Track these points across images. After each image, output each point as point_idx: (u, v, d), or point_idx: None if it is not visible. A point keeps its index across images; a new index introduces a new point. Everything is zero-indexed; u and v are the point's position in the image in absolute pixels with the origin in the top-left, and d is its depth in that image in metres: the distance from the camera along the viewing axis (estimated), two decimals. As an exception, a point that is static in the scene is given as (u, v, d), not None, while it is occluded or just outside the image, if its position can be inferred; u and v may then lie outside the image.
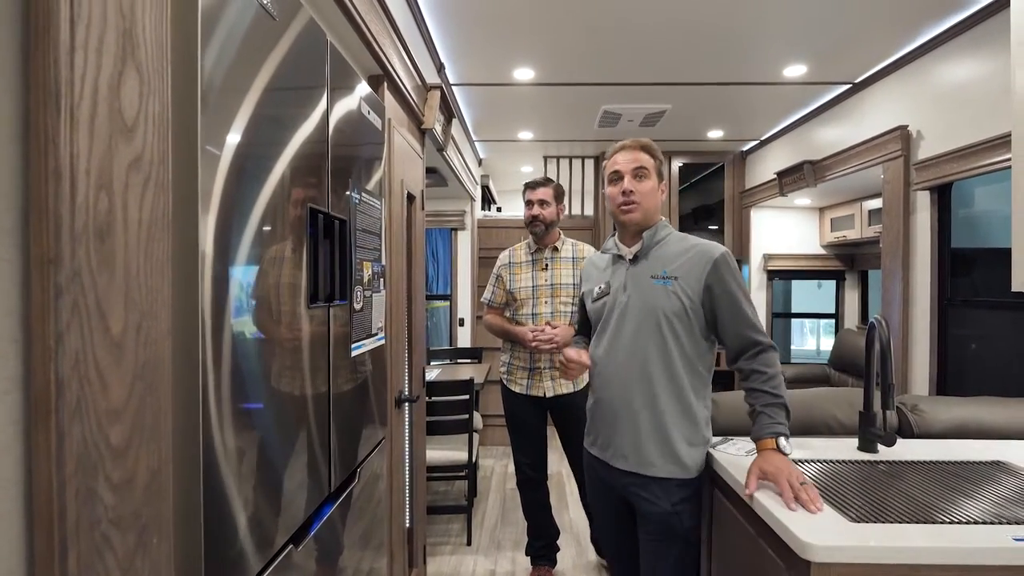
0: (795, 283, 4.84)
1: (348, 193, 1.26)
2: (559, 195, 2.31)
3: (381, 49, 1.56)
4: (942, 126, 2.39)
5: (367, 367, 1.41)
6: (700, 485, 1.41)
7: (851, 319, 4.43)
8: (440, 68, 2.62)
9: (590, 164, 4.87)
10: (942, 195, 2.44)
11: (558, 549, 2.48)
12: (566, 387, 2.27)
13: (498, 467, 3.85)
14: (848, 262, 4.40)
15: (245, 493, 0.78)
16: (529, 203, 2.28)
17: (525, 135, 4.14)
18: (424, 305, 2.28)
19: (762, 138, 4.10)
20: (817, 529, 0.99)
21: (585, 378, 2.27)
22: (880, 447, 1.43)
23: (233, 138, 0.76)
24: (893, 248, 2.65)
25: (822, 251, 4.41)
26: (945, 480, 1.24)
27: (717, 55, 2.66)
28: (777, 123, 3.73)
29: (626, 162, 1.42)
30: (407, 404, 1.91)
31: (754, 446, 1.32)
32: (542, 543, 2.44)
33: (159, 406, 0.63)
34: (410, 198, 2.02)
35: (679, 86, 3.07)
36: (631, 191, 1.40)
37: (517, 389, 2.29)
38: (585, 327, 1.67)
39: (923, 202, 2.51)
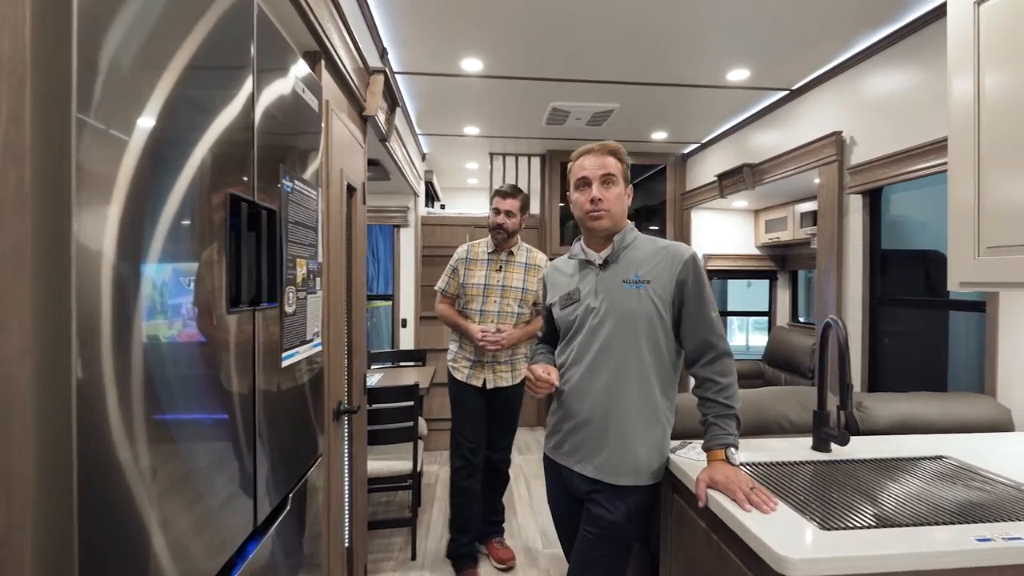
0: (728, 282, 5.02)
1: (279, 181, 1.10)
2: (525, 207, 2.44)
3: (318, 21, 1.40)
4: (874, 133, 2.51)
5: (302, 378, 1.25)
6: (657, 492, 1.41)
7: (783, 317, 4.64)
8: (383, 54, 2.46)
9: (536, 162, 4.82)
10: (873, 199, 2.56)
11: (481, 550, 2.51)
12: (505, 380, 2.42)
13: (443, 473, 3.70)
14: (780, 262, 4.60)
15: (142, 544, 0.62)
16: (496, 211, 2.38)
17: (471, 130, 4.01)
18: (365, 307, 2.12)
19: (703, 141, 4.20)
20: (790, 540, 0.95)
21: (523, 372, 2.34)
22: (833, 446, 1.44)
23: (135, 118, 0.60)
24: (828, 249, 2.76)
25: (756, 252, 4.59)
26: (898, 478, 1.25)
27: (665, 56, 2.66)
28: (718, 127, 3.83)
29: (593, 168, 1.38)
30: (347, 416, 1.75)
31: None
32: (468, 538, 2.43)
33: (10, 448, 0.47)
34: (350, 190, 1.85)
35: (627, 85, 3.05)
36: (599, 199, 1.36)
37: (461, 377, 2.42)
38: (551, 336, 1.58)
39: (856, 205, 2.62)
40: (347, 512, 1.92)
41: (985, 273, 1.39)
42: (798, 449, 1.46)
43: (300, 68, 1.23)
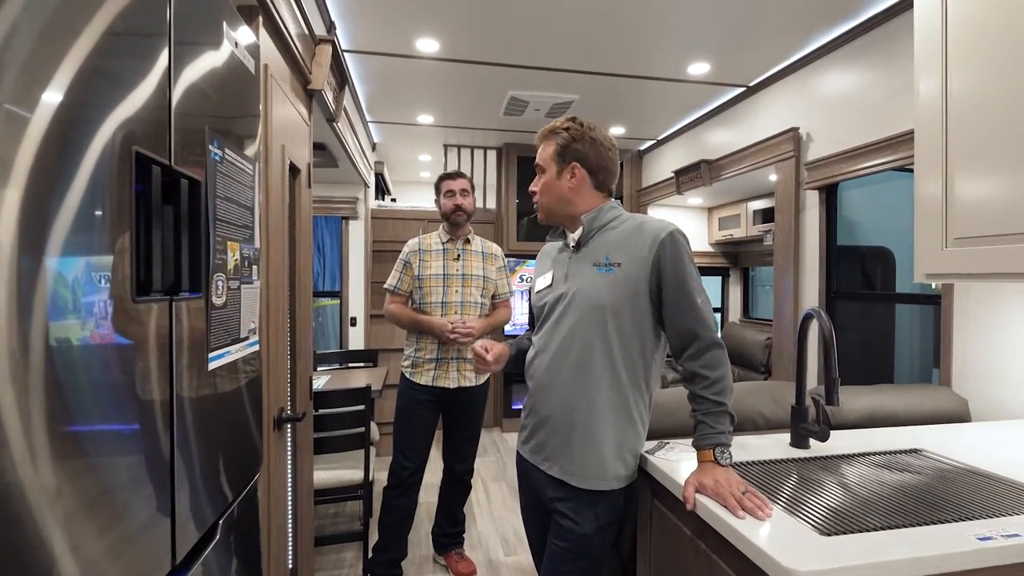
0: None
1: (205, 147, 0.92)
2: (473, 188, 2.36)
3: (254, -30, 1.21)
4: (830, 129, 2.54)
5: (235, 382, 1.06)
6: (627, 500, 1.28)
7: (735, 313, 4.74)
8: (330, 27, 2.25)
9: (493, 155, 4.69)
10: (829, 195, 2.59)
11: (401, 572, 2.31)
12: (470, 380, 2.26)
13: (396, 480, 3.51)
14: (733, 259, 4.69)
15: (45, 570, 0.46)
16: (451, 193, 2.26)
17: (425, 119, 3.83)
18: (311, 302, 1.92)
19: (659, 137, 4.20)
20: (791, 548, 0.87)
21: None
22: (811, 441, 1.40)
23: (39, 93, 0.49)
24: (785, 245, 2.79)
25: (710, 249, 4.65)
26: (882, 474, 1.21)
27: (627, 46, 2.61)
28: (676, 123, 3.83)
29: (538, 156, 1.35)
30: (290, 424, 1.56)
31: (694, 451, 1.20)
32: (388, 557, 2.25)
33: None
34: (294, 170, 1.66)
35: (588, 75, 2.98)
36: (533, 192, 1.35)
37: (423, 381, 2.21)
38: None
39: (812, 201, 2.65)
40: (291, 530, 1.73)
41: (952, 264, 1.39)
42: (776, 446, 1.41)
43: (233, 20, 1.05)
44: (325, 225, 5.43)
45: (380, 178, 5.08)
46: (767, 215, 3.89)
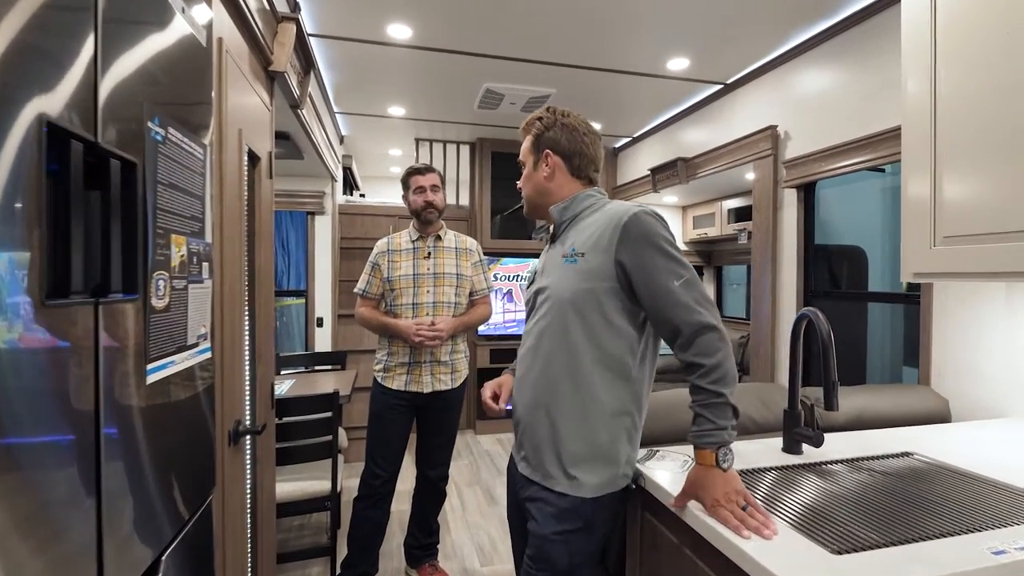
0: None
1: (143, 124, 0.79)
2: (444, 182, 2.26)
3: (205, -71, 1.07)
4: (808, 128, 2.53)
5: (182, 395, 0.93)
6: (598, 513, 1.14)
7: (708, 312, 4.75)
8: (295, 6, 2.10)
9: (466, 151, 4.57)
10: (807, 193, 2.58)
11: None
12: (445, 383, 2.16)
13: (366, 487, 3.36)
14: (706, 258, 4.70)
15: None
16: (421, 189, 2.15)
17: (396, 111, 3.69)
18: (273, 304, 1.78)
19: (635, 135, 4.17)
20: (806, 570, 0.80)
21: (463, 374, 2.22)
22: (804, 447, 1.35)
23: None
24: (763, 243, 2.77)
25: (684, 247, 4.65)
26: (879, 481, 1.17)
27: (606, 39, 2.54)
28: (652, 120, 3.80)
29: None
30: (250, 437, 1.42)
31: (691, 459, 1.13)
32: (356, 573, 2.13)
33: None
34: (253, 158, 1.51)
35: (566, 68, 2.90)
36: (519, 188, 1.33)
37: (395, 385, 2.12)
38: None
39: (790, 199, 2.64)
40: (250, 549, 1.59)
41: (940, 263, 1.36)
42: (769, 452, 1.35)
43: (176, -23, 0.92)
44: (290, 220, 5.20)
45: (348, 172, 4.89)
46: (741, 214, 3.90)
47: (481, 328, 3.71)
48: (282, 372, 3.11)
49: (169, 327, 0.87)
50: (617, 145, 4.49)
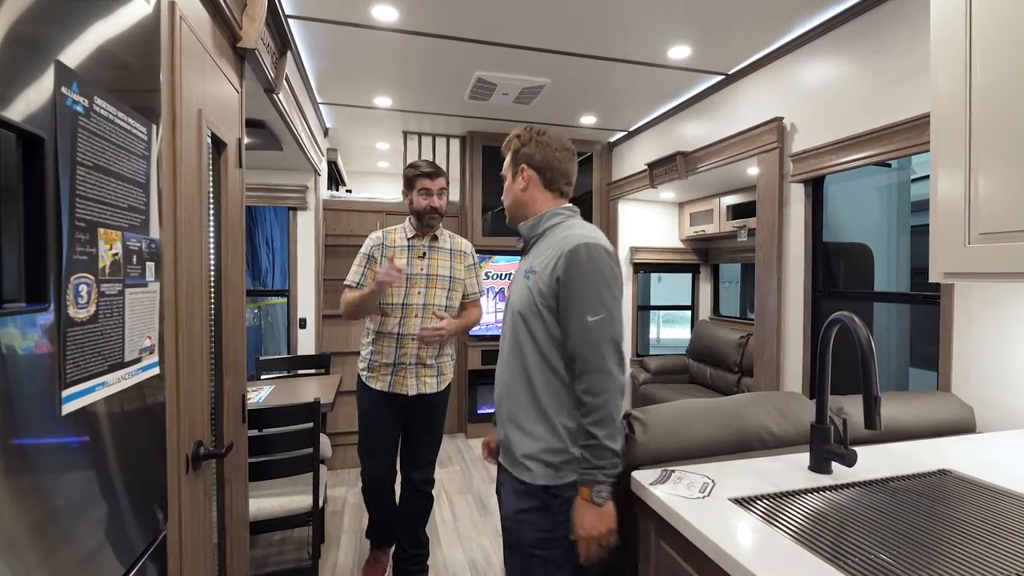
0: (651, 276, 4.96)
1: (55, 91, 0.63)
2: (448, 183, 2.22)
3: None
4: (816, 120, 2.41)
5: (117, 422, 0.77)
6: (550, 500, 1.20)
7: (705, 311, 4.64)
8: (269, -18, 1.93)
9: (456, 144, 4.41)
10: (815, 188, 2.46)
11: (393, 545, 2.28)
12: (430, 386, 2.09)
13: (351, 496, 3.20)
14: (703, 256, 4.58)
15: None
16: (427, 192, 2.07)
17: (383, 101, 3.51)
18: (244, 307, 1.61)
19: (631, 129, 4.03)
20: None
21: (449, 377, 2.14)
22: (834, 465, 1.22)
23: None
24: (768, 240, 2.65)
25: (680, 245, 4.53)
26: (922, 507, 1.04)
27: (605, 25, 2.39)
28: (649, 112, 3.66)
29: None
30: (214, 459, 1.26)
31: (712, 481, 1.11)
32: (384, 528, 2.25)
33: None
34: (218, 144, 1.35)
35: (561, 56, 2.75)
36: (503, 199, 1.42)
37: (379, 387, 2.06)
38: None
39: (797, 195, 2.52)
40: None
41: (976, 262, 1.25)
42: (794, 471, 1.22)
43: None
44: (275, 217, 5.00)
45: (333, 166, 4.71)
46: (740, 210, 3.78)
47: (472, 329, 3.57)
48: (262, 377, 2.94)
49: (96, 342, 0.72)
50: (612, 140, 4.35)
